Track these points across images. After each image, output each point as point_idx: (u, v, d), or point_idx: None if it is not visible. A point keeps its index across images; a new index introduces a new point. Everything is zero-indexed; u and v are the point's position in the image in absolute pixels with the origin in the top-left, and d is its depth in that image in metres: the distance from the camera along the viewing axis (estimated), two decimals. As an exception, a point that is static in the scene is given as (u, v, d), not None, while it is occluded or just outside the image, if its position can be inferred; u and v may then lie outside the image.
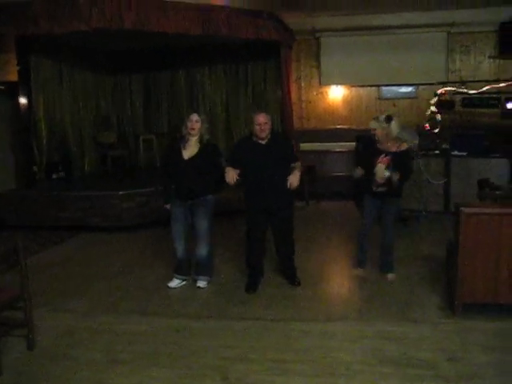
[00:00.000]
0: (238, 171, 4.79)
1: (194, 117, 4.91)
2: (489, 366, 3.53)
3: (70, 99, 9.70)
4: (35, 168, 8.66)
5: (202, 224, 5.00)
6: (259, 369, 3.56)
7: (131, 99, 11.22)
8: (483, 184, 5.64)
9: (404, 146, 4.99)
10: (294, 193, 5.04)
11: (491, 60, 9.70)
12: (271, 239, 5.26)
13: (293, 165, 4.90)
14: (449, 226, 6.60)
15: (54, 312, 4.65)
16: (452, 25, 9.57)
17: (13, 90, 8.46)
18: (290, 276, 5.22)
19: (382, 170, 4.80)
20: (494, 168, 7.46)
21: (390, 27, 9.71)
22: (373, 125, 4.99)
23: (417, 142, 7.32)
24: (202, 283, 5.18)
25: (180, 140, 5.04)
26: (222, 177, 4.85)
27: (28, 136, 8.59)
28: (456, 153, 7.88)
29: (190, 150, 4.94)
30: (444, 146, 8.06)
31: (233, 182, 4.77)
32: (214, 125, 10.78)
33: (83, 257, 6.48)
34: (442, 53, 9.84)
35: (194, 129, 4.88)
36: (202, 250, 5.08)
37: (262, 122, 4.72)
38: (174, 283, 5.22)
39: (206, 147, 4.96)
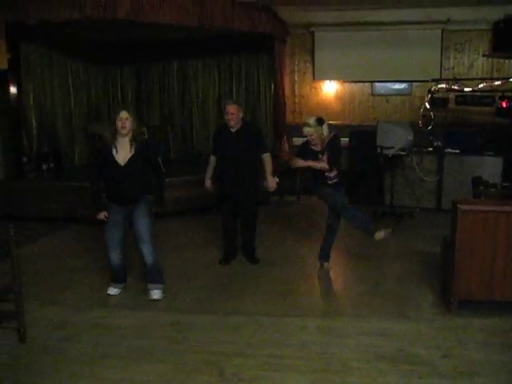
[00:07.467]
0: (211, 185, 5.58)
1: (124, 114, 4.50)
2: (485, 363, 3.53)
3: (60, 89, 9.53)
4: (25, 158, 8.49)
5: (143, 222, 4.58)
6: (255, 364, 3.52)
7: (122, 90, 11.08)
8: (477, 182, 5.63)
9: (327, 139, 5.10)
10: (257, 184, 5.54)
11: (485, 58, 9.70)
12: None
13: (262, 156, 5.38)
14: (442, 223, 6.66)
15: (45, 305, 4.57)
16: (446, 22, 9.55)
17: (2, 78, 8.27)
18: (250, 256, 5.76)
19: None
20: (487, 166, 7.49)
21: (384, 23, 9.66)
22: (309, 131, 4.96)
23: (411, 138, 7.30)
24: (156, 294, 4.69)
25: (108, 143, 4.60)
26: (161, 178, 4.80)
27: (17, 125, 8.42)
28: (449, 150, 7.90)
29: (123, 153, 4.52)
30: (437, 143, 8.08)
31: (208, 187, 5.58)
32: (205, 118, 10.76)
33: (72, 249, 6.38)
34: (436, 50, 9.80)
35: (124, 127, 4.48)
36: (149, 256, 4.65)
37: (230, 112, 5.23)
38: (114, 291, 4.86)
39: (141, 147, 4.57)
